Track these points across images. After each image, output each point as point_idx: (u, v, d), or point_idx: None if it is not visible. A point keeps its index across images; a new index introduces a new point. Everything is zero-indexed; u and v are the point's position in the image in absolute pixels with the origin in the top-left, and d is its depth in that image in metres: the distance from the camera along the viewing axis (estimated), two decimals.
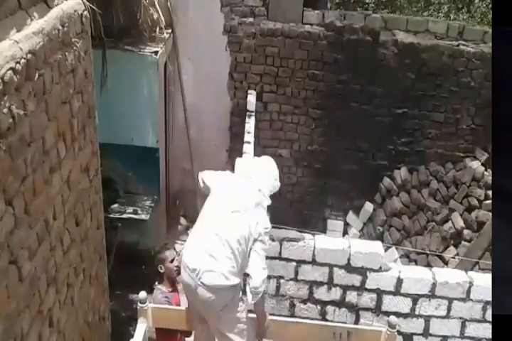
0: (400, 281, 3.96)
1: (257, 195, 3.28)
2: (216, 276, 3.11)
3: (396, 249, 6.42)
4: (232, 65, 7.00)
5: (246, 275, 3.24)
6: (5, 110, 2.30)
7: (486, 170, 6.56)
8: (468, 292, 3.95)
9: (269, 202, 3.33)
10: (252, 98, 6.83)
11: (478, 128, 7.21)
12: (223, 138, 7.33)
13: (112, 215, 5.57)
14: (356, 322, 4.10)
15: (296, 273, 4.09)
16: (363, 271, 3.98)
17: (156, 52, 5.61)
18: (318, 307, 4.13)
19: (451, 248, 6.14)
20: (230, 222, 3.18)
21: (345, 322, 4.01)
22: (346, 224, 7.75)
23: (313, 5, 7.14)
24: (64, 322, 3.30)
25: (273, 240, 3.74)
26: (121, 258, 5.46)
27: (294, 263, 4.05)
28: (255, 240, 3.18)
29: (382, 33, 6.94)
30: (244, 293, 3.26)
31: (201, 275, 3.12)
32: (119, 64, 5.35)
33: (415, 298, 4.00)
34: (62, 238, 3.20)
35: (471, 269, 5.27)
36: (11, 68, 2.34)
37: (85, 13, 3.44)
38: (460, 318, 4.02)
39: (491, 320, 3.81)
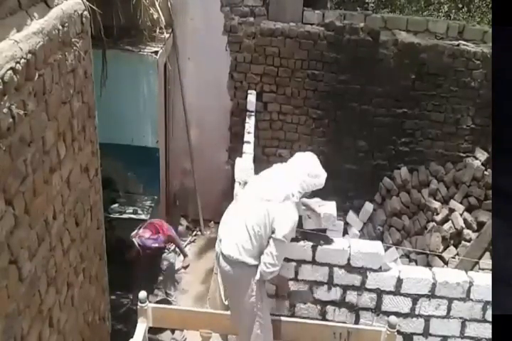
0: (400, 281, 3.96)
1: (287, 188, 3.40)
2: (232, 248, 3.38)
3: (396, 248, 6.41)
4: (232, 65, 6.99)
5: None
6: (5, 110, 2.30)
7: (486, 170, 6.56)
8: (468, 292, 3.95)
9: (296, 199, 3.42)
10: (252, 98, 6.83)
11: (478, 128, 7.21)
12: (223, 138, 7.33)
13: (112, 215, 5.57)
14: (356, 322, 4.09)
15: (296, 273, 4.09)
16: (363, 271, 3.97)
17: (156, 52, 5.61)
18: (318, 307, 4.12)
19: (451, 248, 6.13)
20: (255, 208, 3.39)
21: (345, 322, 4.01)
22: (346, 224, 7.75)
23: (313, 5, 7.14)
24: (64, 322, 3.31)
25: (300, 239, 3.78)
26: (122, 258, 5.46)
27: (294, 263, 4.04)
28: (273, 238, 3.37)
29: (382, 32, 6.94)
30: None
31: (222, 244, 3.45)
32: (119, 64, 5.35)
33: (415, 298, 4.00)
34: (62, 238, 3.20)
35: (471, 269, 5.26)
36: (11, 68, 2.34)
37: (85, 13, 3.45)
38: (460, 318, 4.02)
39: (491, 320, 3.81)
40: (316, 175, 3.50)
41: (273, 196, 3.37)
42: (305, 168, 3.47)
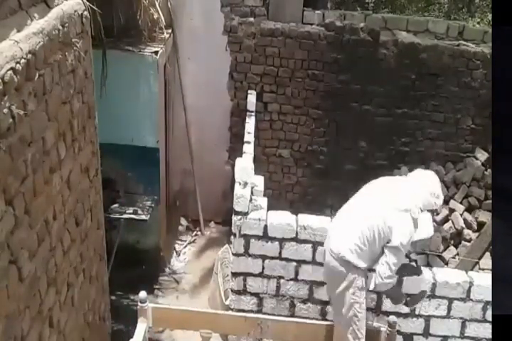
0: (400, 281, 3.96)
1: (409, 202, 3.39)
2: (342, 247, 3.41)
3: None
4: (232, 65, 6.99)
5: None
6: (5, 110, 2.30)
7: (486, 170, 6.56)
8: (468, 292, 3.95)
9: (414, 214, 3.38)
10: (252, 98, 6.82)
11: (478, 128, 7.21)
12: (223, 138, 7.33)
13: (112, 215, 5.57)
14: None
15: (296, 273, 4.09)
16: None
17: (156, 52, 5.60)
18: (318, 307, 4.13)
19: (451, 248, 6.14)
20: (373, 213, 3.43)
21: None
22: None
23: (313, 5, 7.13)
24: (64, 322, 3.30)
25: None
26: (122, 259, 5.47)
27: (294, 263, 4.05)
28: (388, 246, 3.37)
29: (383, 33, 6.93)
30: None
31: (332, 241, 3.51)
32: (119, 64, 5.35)
33: None
34: (62, 238, 3.20)
35: (471, 269, 5.26)
36: (11, 68, 2.34)
37: (85, 13, 3.45)
38: (460, 318, 4.02)
39: (491, 320, 3.81)
40: (438, 195, 3.49)
41: (394, 204, 3.39)
42: (429, 187, 3.48)
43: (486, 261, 5.33)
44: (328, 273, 3.59)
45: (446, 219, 6.49)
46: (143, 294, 3.55)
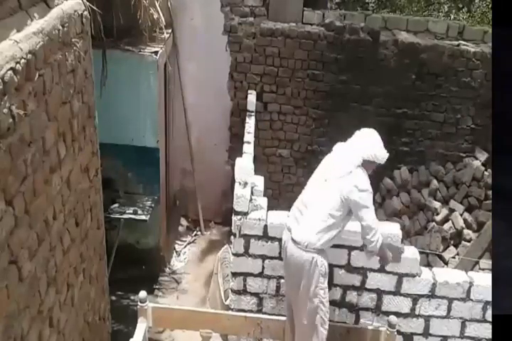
0: (400, 281, 3.96)
1: (351, 161, 3.53)
2: (307, 235, 3.46)
3: None
4: (232, 65, 6.99)
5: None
6: (5, 110, 2.30)
7: (486, 170, 6.56)
8: (468, 292, 3.95)
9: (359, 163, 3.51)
10: (252, 98, 6.82)
11: (478, 128, 7.21)
12: (223, 138, 7.33)
13: (112, 215, 5.57)
14: (356, 322, 4.09)
15: None
16: (363, 271, 3.98)
17: (156, 52, 5.61)
18: None
19: (451, 248, 6.14)
20: (327, 191, 3.48)
21: (345, 322, 4.01)
22: None
23: (313, 5, 7.13)
24: (64, 322, 3.30)
25: None
26: (122, 259, 5.47)
27: None
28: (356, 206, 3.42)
29: (382, 32, 6.93)
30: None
31: (294, 232, 3.53)
32: (119, 64, 5.35)
33: (415, 298, 4.00)
34: (62, 238, 3.20)
35: (471, 269, 5.27)
36: (11, 68, 2.34)
37: (85, 13, 3.45)
38: (460, 318, 4.02)
39: (491, 320, 3.81)
40: (380, 147, 3.73)
41: (340, 171, 3.48)
42: (367, 141, 3.70)
43: (486, 261, 5.33)
44: (293, 266, 3.57)
45: (446, 219, 6.49)
46: (143, 294, 3.56)
